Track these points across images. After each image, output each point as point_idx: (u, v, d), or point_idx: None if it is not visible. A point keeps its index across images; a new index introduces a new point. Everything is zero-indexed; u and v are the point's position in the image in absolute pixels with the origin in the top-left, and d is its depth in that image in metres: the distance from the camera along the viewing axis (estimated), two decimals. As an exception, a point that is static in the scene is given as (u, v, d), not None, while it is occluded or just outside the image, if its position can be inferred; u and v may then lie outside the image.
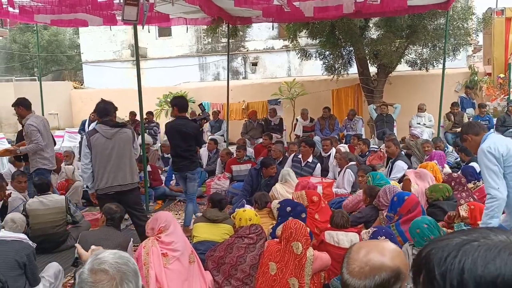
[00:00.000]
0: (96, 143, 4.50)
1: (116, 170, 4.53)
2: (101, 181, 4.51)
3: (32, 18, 8.58)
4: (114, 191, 4.54)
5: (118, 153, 4.55)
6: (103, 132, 4.55)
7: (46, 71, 26.13)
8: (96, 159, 4.50)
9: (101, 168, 4.49)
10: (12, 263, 3.42)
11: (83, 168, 4.62)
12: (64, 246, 5.07)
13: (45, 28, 24.60)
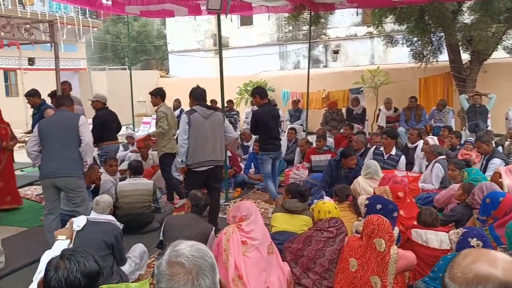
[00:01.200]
0: (195, 122, 4.83)
1: (211, 147, 4.91)
2: (196, 157, 4.84)
3: (123, 9, 9.04)
4: (207, 166, 4.90)
5: (212, 132, 4.93)
6: (201, 112, 4.91)
7: (135, 60, 27.66)
8: (193, 136, 4.81)
9: (198, 145, 4.83)
10: (101, 243, 3.62)
11: (181, 143, 4.88)
12: (149, 227, 5.32)
13: (135, 20, 25.97)
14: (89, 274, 1.72)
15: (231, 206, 6.24)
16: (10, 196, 6.14)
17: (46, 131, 4.40)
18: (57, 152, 4.33)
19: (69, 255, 1.75)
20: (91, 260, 1.78)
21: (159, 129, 6.22)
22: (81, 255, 1.77)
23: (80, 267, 1.72)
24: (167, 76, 22.27)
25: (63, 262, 1.74)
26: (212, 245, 3.88)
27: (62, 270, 1.71)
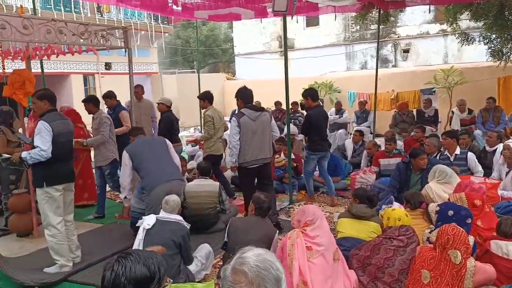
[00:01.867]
0: (244, 124, 5.21)
1: (259, 146, 5.34)
2: (247, 155, 5.27)
3: (192, 14, 9.30)
4: (257, 164, 5.34)
5: (261, 132, 5.35)
6: (249, 114, 5.28)
7: (203, 63, 28.46)
8: (243, 137, 5.22)
9: (247, 145, 5.26)
10: (169, 242, 3.72)
11: (234, 144, 5.26)
12: (214, 228, 5.40)
13: (203, 24, 26.72)
14: (135, 280, 1.67)
15: (295, 209, 6.18)
16: (88, 193, 6.53)
17: (140, 154, 4.79)
18: (158, 163, 4.74)
19: (121, 258, 1.73)
20: (140, 265, 1.70)
21: (205, 133, 6.58)
22: (131, 259, 1.71)
23: (126, 272, 1.66)
24: (233, 78, 22.65)
25: (116, 264, 1.72)
26: (275, 248, 3.86)
27: (112, 272, 1.70)
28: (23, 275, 4.14)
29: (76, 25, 5.14)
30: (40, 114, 4.39)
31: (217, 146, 6.63)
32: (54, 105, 4.45)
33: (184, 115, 16.96)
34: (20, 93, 5.14)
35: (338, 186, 7.15)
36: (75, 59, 7.98)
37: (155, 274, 1.65)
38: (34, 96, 4.41)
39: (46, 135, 4.16)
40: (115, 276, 1.62)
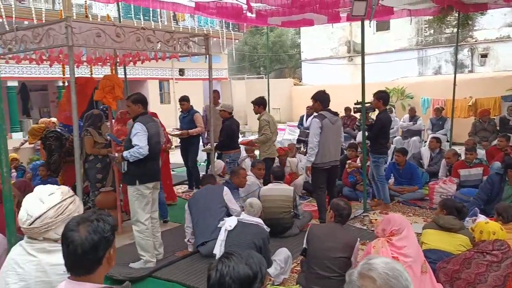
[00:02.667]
0: (325, 127, 5.50)
1: (333, 149, 5.65)
2: (323, 157, 5.54)
3: (266, 21, 9.42)
4: (330, 165, 5.63)
5: (336, 136, 5.70)
6: (330, 118, 5.58)
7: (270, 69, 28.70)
8: (322, 139, 5.48)
9: (325, 147, 5.52)
10: (251, 245, 3.77)
11: (315, 144, 5.49)
12: (288, 233, 5.41)
13: (271, 30, 26.98)
14: (239, 279, 1.68)
15: (370, 217, 6.03)
16: (167, 193, 6.79)
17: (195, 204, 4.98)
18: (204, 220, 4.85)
19: (224, 258, 1.75)
20: (242, 264, 1.71)
21: (263, 136, 6.72)
22: (234, 259, 1.73)
23: (230, 271, 1.68)
24: (300, 84, 22.63)
25: (219, 264, 1.74)
26: (356, 257, 3.79)
27: (217, 272, 1.73)
28: (112, 269, 4.38)
29: (162, 33, 5.38)
30: (133, 116, 4.68)
31: (272, 149, 6.88)
32: (146, 108, 4.74)
33: (252, 120, 17.19)
34: (109, 97, 5.47)
35: (414, 195, 6.90)
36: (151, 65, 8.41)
37: (257, 274, 1.66)
38: (129, 100, 4.73)
39: (142, 135, 4.45)
40: (220, 275, 1.66)
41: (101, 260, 1.69)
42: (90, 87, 5.42)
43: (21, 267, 2.13)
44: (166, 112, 14.68)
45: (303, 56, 25.03)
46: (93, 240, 1.66)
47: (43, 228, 2.13)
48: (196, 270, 4.46)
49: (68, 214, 2.22)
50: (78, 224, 1.69)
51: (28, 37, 4.79)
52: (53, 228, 2.15)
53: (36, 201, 2.18)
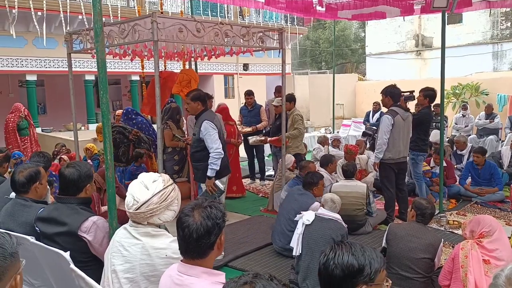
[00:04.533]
0: (397, 123, 5.39)
1: (404, 145, 5.54)
2: (392, 153, 5.46)
3: (336, 14, 9.27)
4: (399, 161, 5.55)
5: (406, 132, 5.55)
6: (402, 114, 5.45)
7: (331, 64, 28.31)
8: (393, 135, 5.41)
9: (395, 143, 5.44)
10: (329, 240, 3.74)
11: (384, 141, 5.42)
12: (361, 230, 5.33)
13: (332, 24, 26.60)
14: (341, 266, 1.66)
15: (447, 217, 5.79)
16: (236, 186, 6.93)
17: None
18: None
19: (335, 245, 1.75)
20: (349, 254, 1.69)
21: (296, 130, 6.73)
22: (343, 247, 1.72)
23: (335, 257, 1.68)
24: (364, 79, 22.13)
25: (328, 250, 1.75)
26: (440, 258, 3.66)
27: (324, 256, 1.73)
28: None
29: (239, 27, 5.46)
30: (195, 114, 4.75)
31: (303, 145, 6.99)
32: (205, 105, 4.75)
33: (314, 116, 17.08)
34: (186, 91, 5.63)
35: (494, 197, 6.54)
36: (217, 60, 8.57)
37: (363, 267, 1.64)
38: (188, 97, 4.76)
39: (214, 133, 4.50)
40: (326, 259, 1.68)
41: (213, 245, 1.76)
42: (172, 81, 5.61)
43: (126, 249, 2.26)
44: (229, 106, 14.90)
45: (367, 51, 24.43)
46: (207, 226, 1.72)
47: (148, 213, 2.24)
48: (270, 263, 4.52)
49: (170, 201, 2.32)
50: (192, 210, 1.76)
51: (114, 33, 5.03)
52: (157, 213, 2.26)
53: (142, 188, 2.29)
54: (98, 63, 2.57)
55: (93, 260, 2.62)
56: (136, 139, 6.46)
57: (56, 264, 2.48)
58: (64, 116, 13.52)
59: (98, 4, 2.59)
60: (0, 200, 3.27)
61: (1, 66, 10.91)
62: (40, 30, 9.84)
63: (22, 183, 2.97)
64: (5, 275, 1.35)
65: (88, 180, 2.74)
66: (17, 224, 2.83)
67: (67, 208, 2.65)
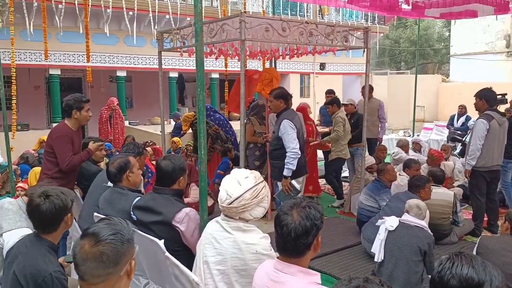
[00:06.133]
0: (493, 128, 5.08)
1: (498, 152, 5.22)
2: (486, 160, 5.13)
3: (423, 13, 8.86)
4: (492, 169, 5.20)
5: (502, 138, 5.23)
6: (498, 119, 5.14)
7: (412, 64, 27.15)
8: (487, 141, 5.08)
9: (489, 150, 5.11)
10: (415, 248, 3.60)
11: (478, 147, 5.09)
12: (446, 240, 5.07)
13: (415, 23, 25.46)
14: (459, 277, 1.58)
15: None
16: (312, 185, 6.89)
17: None
18: None
19: (454, 255, 1.66)
20: (467, 266, 1.60)
21: (334, 133, 6.45)
22: (462, 258, 1.63)
23: (452, 267, 1.59)
24: (447, 80, 20.98)
25: (445, 259, 1.67)
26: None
27: (440, 265, 1.66)
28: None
29: (324, 26, 5.42)
30: (276, 112, 4.78)
31: (346, 150, 6.57)
32: (288, 103, 4.79)
33: (393, 118, 16.49)
34: (268, 89, 5.69)
35: None
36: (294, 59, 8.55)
37: (483, 283, 1.55)
38: (271, 95, 4.81)
39: (292, 133, 4.52)
40: (442, 269, 1.61)
41: (310, 245, 1.76)
42: (256, 79, 5.71)
43: (218, 242, 2.34)
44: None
45: (452, 51, 23.09)
46: (305, 226, 1.73)
47: (240, 209, 2.30)
48: (349, 266, 4.45)
49: (261, 198, 2.37)
50: (291, 209, 1.78)
51: (203, 32, 5.21)
52: (248, 209, 2.32)
53: (234, 183, 2.36)
54: (196, 62, 2.67)
55: (184, 250, 2.74)
56: (215, 135, 6.67)
57: (150, 251, 2.63)
58: (149, 110, 14.31)
59: (199, 4, 2.69)
60: (99, 188, 3.54)
61: (95, 62, 11.74)
62: (131, 28, 10.45)
63: (114, 173, 3.19)
64: (122, 259, 1.45)
65: (182, 172, 2.87)
66: (115, 211, 3.03)
67: (162, 199, 2.79)
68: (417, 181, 4.66)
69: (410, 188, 4.71)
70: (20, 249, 2.08)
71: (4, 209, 2.60)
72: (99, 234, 1.43)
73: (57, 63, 11.53)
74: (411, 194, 4.54)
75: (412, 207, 3.91)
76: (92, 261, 1.40)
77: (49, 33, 7.97)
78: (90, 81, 7.97)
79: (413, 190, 4.64)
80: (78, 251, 1.42)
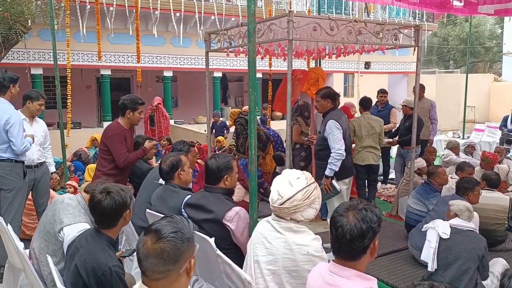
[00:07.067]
0: None
1: None
2: None
3: (476, 10, 8.49)
4: None
5: None
6: None
7: (461, 63, 26.15)
8: None
9: None
10: (474, 255, 3.46)
11: None
12: (501, 246, 4.85)
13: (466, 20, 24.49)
14: None
15: None
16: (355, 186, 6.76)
17: None
18: None
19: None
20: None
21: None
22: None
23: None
24: (499, 80, 20.06)
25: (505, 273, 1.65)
26: None
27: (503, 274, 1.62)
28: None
29: (373, 25, 5.31)
30: (323, 112, 4.73)
31: (361, 155, 5.94)
32: (335, 103, 4.72)
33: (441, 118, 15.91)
34: (313, 89, 5.65)
35: None
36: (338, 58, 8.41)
37: None
38: (318, 95, 4.75)
39: (338, 133, 4.45)
40: (503, 282, 1.55)
41: (366, 249, 1.73)
42: (303, 79, 5.69)
43: (269, 242, 2.34)
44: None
45: (505, 49, 22.08)
46: (361, 228, 1.71)
47: (292, 209, 2.29)
48: (396, 271, 4.34)
49: (313, 199, 2.35)
50: (347, 210, 1.76)
51: (250, 32, 5.24)
52: (300, 210, 2.31)
53: (286, 183, 2.36)
54: (248, 62, 2.69)
55: (233, 248, 2.77)
56: None
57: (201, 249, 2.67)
58: (193, 109, 14.57)
59: (253, 5, 2.71)
60: (151, 185, 3.64)
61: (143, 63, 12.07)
62: (178, 29, 10.67)
63: (166, 171, 3.28)
64: (182, 257, 1.48)
65: (227, 171, 2.89)
66: (167, 208, 3.11)
67: (213, 197, 2.83)
68: (466, 183, 4.47)
69: (458, 191, 4.53)
70: (81, 243, 2.17)
71: (64, 204, 2.72)
72: (161, 231, 1.47)
73: (108, 63, 11.96)
74: (458, 197, 4.36)
75: (462, 210, 3.76)
76: (153, 257, 1.44)
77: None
78: (140, 81, 8.20)
79: (461, 193, 4.46)
80: (141, 247, 1.47)
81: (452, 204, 3.81)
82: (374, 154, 5.97)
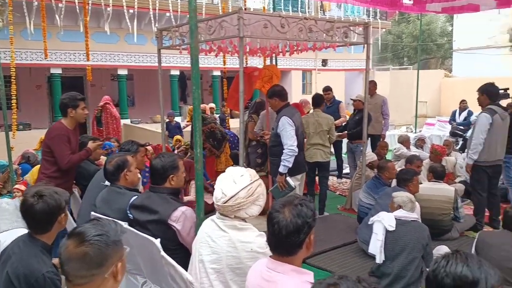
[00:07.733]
0: (495, 123, 5.07)
1: (500, 147, 5.23)
2: (488, 155, 5.14)
3: (424, 8, 8.78)
4: (494, 164, 5.22)
5: (503, 133, 5.22)
6: (500, 113, 5.14)
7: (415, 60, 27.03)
8: (490, 136, 5.08)
9: (491, 144, 5.12)
10: (418, 245, 3.58)
11: (480, 142, 5.08)
12: (446, 236, 5.05)
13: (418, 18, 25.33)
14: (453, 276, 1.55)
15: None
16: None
17: None
18: None
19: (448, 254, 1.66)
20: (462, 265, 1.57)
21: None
22: (457, 257, 1.58)
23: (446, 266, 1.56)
24: (450, 75, 20.87)
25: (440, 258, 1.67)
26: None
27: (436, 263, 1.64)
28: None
29: (323, 22, 5.38)
30: (275, 109, 4.79)
31: (309, 152, 5.81)
32: (283, 99, 4.77)
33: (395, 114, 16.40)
34: (267, 86, 5.65)
35: None
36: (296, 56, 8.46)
37: (478, 281, 1.52)
38: (267, 94, 4.83)
39: (290, 130, 4.51)
40: (436, 267, 1.59)
41: (302, 244, 1.75)
42: (255, 77, 5.69)
43: (213, 240, 2.32)
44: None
45: (455, 46, 22.99)
46: (296, 224, 1.71)
47: (236, 207, 2.28)
48: (347, 263, 4.43)
49: (256, 196, 2.35)
50: (283, 206, 1.77)
51: (202, 29, 5.18)
52: (244, 208, 2.30)
53: (230, 181, 2.34)
54: (192, 59, 2.66)
55: (180, 249, 2.73)
56: (208, 133, 6.60)
57: (147, 250, 2.62)
58: (150, 108, 14.31)
59: (194, 1, 2.67)
60: (97, 187, 3.53)
61: (95, 61, 11.75)
62: (132, 27, 10.43)
63: (111, 172, 3.18)
64: (107, 261, 1.43)
65: (172, 171, 2.84)
66: (112, 210, 3.02)
67: (158, 197, 2.78)
68: (404, 175, 4.63)
69: (398, 182, 4.70)
70: (14, 249, 2.08)
71: (1, 209, 2.59)
72: (84, 234, 1.42)
73: (58, 62, 11.55)
74: (399, 189, 4.50)
75: (406, 202, 3.87)
76: (76, 261, 1.39)
77: (49, 32, 7.98)
78: (91, 79, 7.95)
79: (401, 184, 4.61)
80: (63, 251, 1.41)
81: (396, 196, 3.92)
82: (322, 151, 5.88)
